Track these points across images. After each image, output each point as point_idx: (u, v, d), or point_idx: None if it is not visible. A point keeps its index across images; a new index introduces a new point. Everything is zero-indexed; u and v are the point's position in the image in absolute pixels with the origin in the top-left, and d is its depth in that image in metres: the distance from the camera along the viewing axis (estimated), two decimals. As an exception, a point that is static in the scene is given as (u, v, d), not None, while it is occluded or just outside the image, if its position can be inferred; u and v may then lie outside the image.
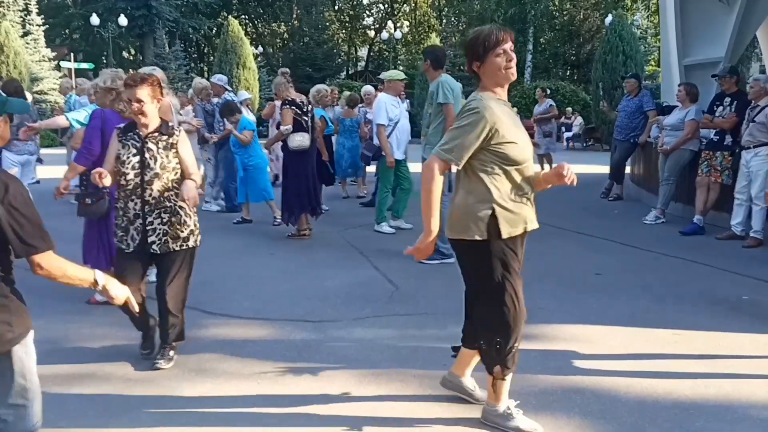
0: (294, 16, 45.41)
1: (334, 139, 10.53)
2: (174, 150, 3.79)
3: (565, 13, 35.00)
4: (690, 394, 3.52)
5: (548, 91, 15.48)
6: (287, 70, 8.02)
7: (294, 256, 6.73)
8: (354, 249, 7.02)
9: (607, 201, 10.24)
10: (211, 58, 31.51)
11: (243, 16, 46.82)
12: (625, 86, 10.22)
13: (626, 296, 5.32)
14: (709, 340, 4.35)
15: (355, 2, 48.21)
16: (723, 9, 10.54)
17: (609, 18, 24.25)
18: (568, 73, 37.76)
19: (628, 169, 11.44)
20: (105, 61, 36.60)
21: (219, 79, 9.53)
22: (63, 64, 28.06)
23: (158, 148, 3.74)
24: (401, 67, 35.80)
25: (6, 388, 2.31)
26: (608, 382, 3.68)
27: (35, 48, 28.08)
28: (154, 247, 3.75)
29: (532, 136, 15.53)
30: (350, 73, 46.15)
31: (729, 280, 5.84)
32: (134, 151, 3.74)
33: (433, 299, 5.23)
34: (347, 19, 48.28)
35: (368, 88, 10.98)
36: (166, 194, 3.75)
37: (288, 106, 7.30)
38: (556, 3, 36.41)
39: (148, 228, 3.74)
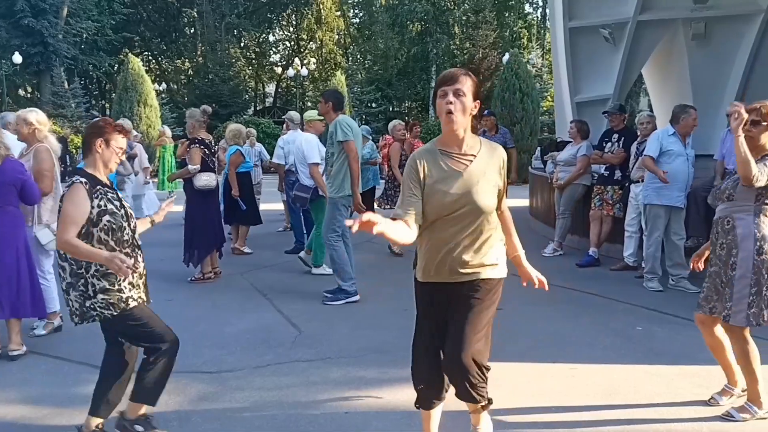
0: (198, 52, 44.85)
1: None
2: None
3: (465, 51, 36.09)
4: (589, 429, 3.58)
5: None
6: (209, 108, 7.80)
7: (194, 302, 6.49)
8: (257, 291, 6.84)
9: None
10: (113, 95, 30.54)
11: (146, 53, 45.89)
12: (485, 123, 10.03)
13: (524, 330, 5.40)
14: (606, 372, 4.45)
15: (261, 39, 48.20)
16: (610, 48, 11.17)
17: (506, 56, 25.18)
18: (470, 110, 38.78)
19: (526, 202, 11.80)
20: (0, 99, 34.91)
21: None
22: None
23: None
24: (309, 104, 35.94)
25: None
26: (509, 421, 3.70)
27: None
28: None
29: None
30: (258, 109, 45.90)
31: (622, 311, 6.06)
32: (117, 203, 3.35)
33: (337, 342, 5.13)
34: (253, 56, 48.13)
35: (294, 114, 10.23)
36: None
37: (197, 146, 7.25)
38: (457, 42, 37.61)
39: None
